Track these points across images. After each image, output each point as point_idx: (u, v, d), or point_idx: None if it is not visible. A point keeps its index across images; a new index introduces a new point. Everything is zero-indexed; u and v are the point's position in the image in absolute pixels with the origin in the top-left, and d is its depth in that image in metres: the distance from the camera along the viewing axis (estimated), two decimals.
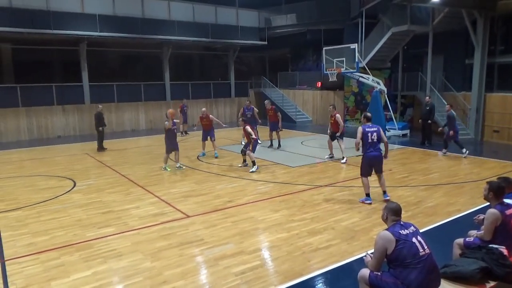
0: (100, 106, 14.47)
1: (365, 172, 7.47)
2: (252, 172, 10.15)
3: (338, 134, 11.50)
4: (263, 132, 15.02)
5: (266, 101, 15.01)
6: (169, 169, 10.54)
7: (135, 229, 6.34)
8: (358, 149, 7.43)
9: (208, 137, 12.29)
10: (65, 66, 20.82)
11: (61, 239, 5.96)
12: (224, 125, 13.89)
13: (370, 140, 7.25)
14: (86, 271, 4.93)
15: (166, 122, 10.37)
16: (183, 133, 17.84)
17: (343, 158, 11.37)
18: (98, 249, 5.57)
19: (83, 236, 6.09)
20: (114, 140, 16.77)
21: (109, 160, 12.22)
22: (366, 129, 7.30)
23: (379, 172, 7.54)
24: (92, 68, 19.29)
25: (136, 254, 5.40)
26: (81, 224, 6.64)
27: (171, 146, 10.60)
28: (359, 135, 7.29)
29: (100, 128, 13.83)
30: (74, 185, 9.22)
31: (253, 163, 10.32)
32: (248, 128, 10.35)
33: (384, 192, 7.63)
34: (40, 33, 16.57)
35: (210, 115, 12.34)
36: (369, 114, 7.72)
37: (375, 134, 7.27)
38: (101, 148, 13.97)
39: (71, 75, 19.35)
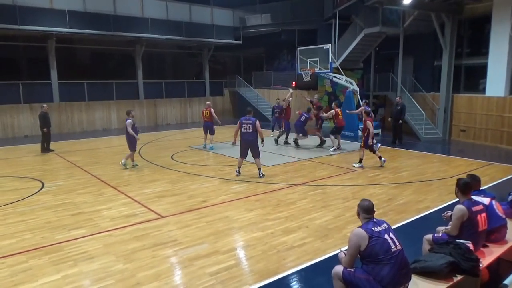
0: (44, 105, 13.59)
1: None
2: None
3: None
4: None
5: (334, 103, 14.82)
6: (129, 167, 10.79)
7: (107, 231, 6.20)
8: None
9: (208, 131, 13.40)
10: (33, 63, 20.09)
11: (28, 242, 5.75)
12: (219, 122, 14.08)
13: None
14: (55, 274, 4.78)
15: (129, 120, 10.44)
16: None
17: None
18: (68, 252, 5.41)
19: (52, 238, 5.90)
20: (85, 140, 16.35)
21: (80, 160, 11.89)
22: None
23: None
24: (62, 65, 18.70)
25: (108, 256, 5.28)
26: (50, 226, 6.43)
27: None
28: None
29: (45, 129, 13.09)
30: (42, 186, 8.92)
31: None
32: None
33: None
34: (6, 28, 15.92)
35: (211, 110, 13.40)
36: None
37: None
38: (46, 149, 13.24)
39: (39, 72, 18.69)
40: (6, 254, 5.35)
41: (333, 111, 13.25)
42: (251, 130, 9.33)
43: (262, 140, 9.61)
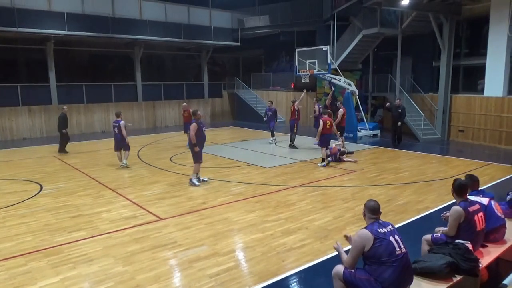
0: (65, 107, 13.95)
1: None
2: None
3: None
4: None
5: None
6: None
7: (106, 233, 6.19)
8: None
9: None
10: (31, 65, 20.06)
11: (28, 245, 5.74)
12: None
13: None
14: (55, 277, 4.77)
15: (123, 122, 10.96)
16: None
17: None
18: (67, 254, 5.40)
19: (51, 241, 5.89)
20: (84, 142, 16.33)
21: (78, 163, 11.88)
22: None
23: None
24: (60, 68, 18.69)
25: (107, 258, 5.27)
26: (49, 228, 6.42)
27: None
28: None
29: (64, 130, 13.34)
30: (41, 189, 8.91)
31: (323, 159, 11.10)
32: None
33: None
34: (4, 31, 15.90)
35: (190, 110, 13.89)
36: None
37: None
38: (63, 150, 13.59)
39: (38, 75, 18.66)
40: (5, 257, 5.33)
41: (341, 110, 13.04)
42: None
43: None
